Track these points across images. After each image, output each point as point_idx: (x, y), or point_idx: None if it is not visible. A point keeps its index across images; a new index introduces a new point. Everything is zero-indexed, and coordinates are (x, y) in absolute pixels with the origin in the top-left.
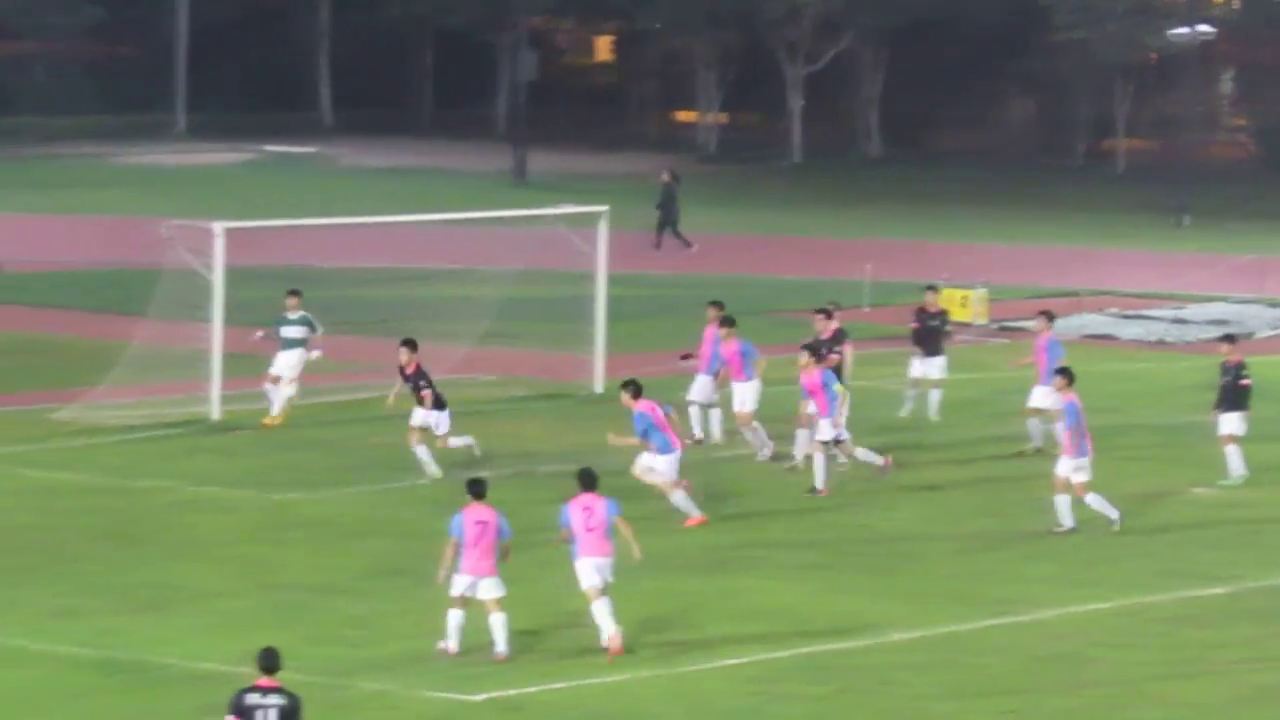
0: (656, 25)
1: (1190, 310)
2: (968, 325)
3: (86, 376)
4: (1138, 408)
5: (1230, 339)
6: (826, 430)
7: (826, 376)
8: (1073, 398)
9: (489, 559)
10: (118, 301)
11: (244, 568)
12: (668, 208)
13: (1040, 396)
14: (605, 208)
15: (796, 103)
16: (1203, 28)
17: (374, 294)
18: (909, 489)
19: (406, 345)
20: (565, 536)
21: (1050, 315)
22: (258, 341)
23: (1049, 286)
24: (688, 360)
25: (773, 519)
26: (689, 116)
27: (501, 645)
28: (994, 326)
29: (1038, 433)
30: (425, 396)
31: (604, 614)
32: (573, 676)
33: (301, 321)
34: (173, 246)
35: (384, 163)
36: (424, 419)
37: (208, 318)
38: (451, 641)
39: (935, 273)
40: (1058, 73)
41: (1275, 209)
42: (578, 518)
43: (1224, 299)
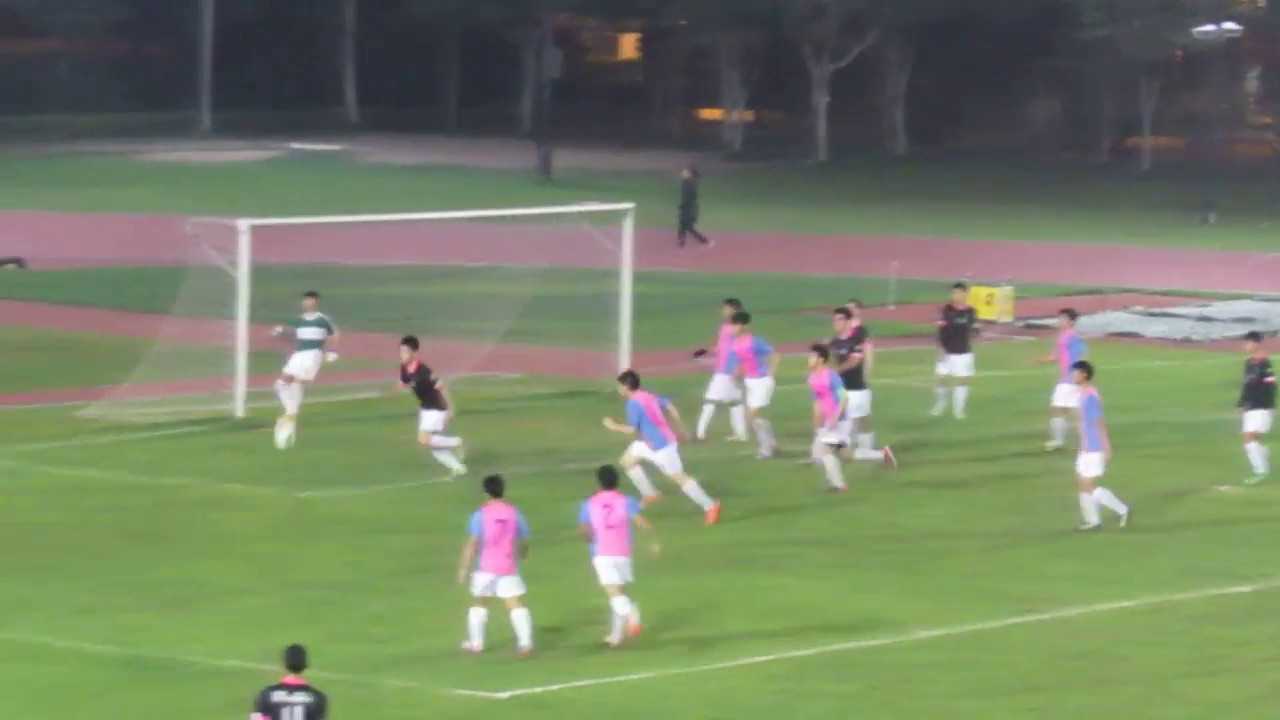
0: (681, 23)
1: (1215, 308)
2: (993, 323)
3: (112, 374)
4: (1163, 405)
5: (1255, 337)
6: (832, 433)
7: (834, 379)
8: (1092, 391)
9: (509, 557)
10: (143, 299)
11: (268, 565)
12: (688, 205)
13: (1064, 394)
14: (630, 205)
15: (822, 100)
16: (1229, 25)
17: (398, 291)
18: (934, 486)
19: (407, 344)
20: (584, 533)
21: (1073, 313)
22: (274, 338)
23: (1074, 284)
24: (701, 356)
25: (798, 516)
26: (714, 114)
27: (525, 640)
28: (1019, 324)
29: (1060, 431)
30: (441, 389)
31: (623, 606)
32: (597, 674)
33: (319, 323)
34: (198, 244)
35: (409, 160)
36: (434, 422)
37: (232, 315)
38: (475, 640)
39: (960, 270)
40: (1083, 70)
41: None
42: (598, 515)
43: (1249, 297)
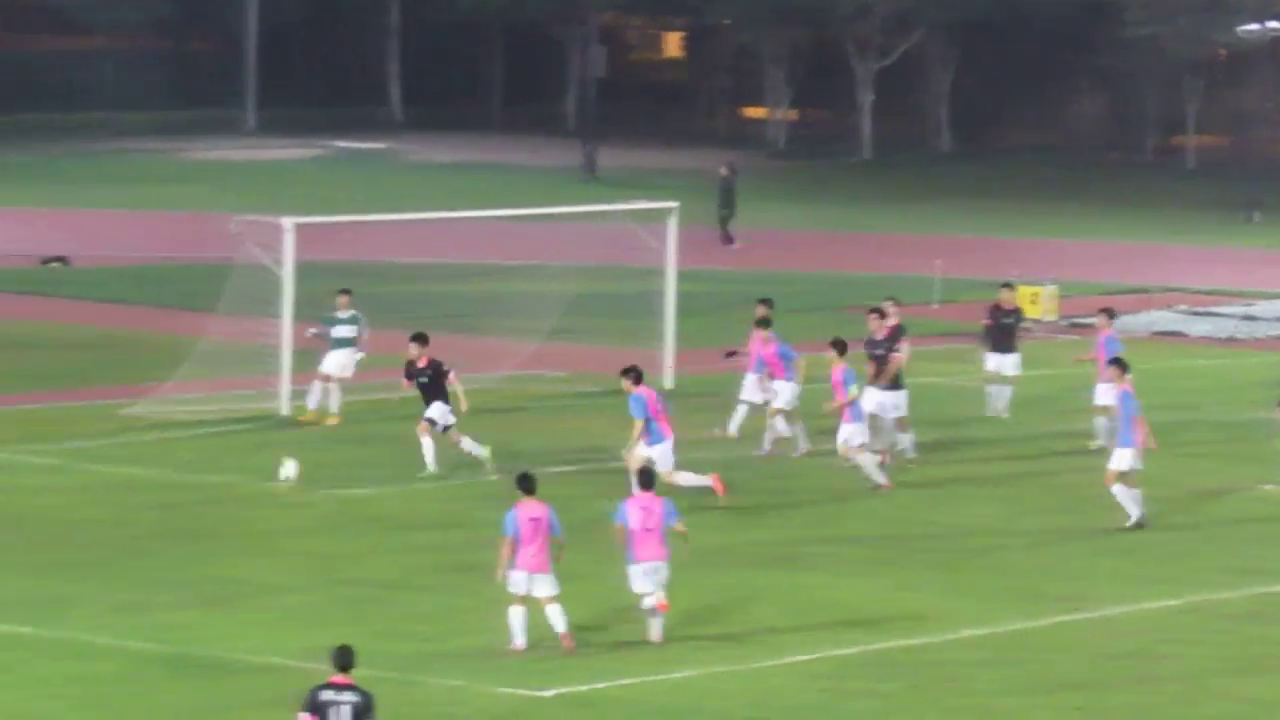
0: (726, 21)
1: (1260, 307)
2: (1038, 322)
3: (156, 372)
4: (1207, 404)
5: None
6: (855, 434)
7: (847, 374)
8: (1127, 387)
9: (543, 554)
10: (187, 297)
11: (312, 563)
12: (726, 202)
13: (1104, 393)
14: (675, 204)
15: (866, 98)
16: (1273, 24)
17: (443, 290)
18: (977, 485)
19: (417, 340)
20: (620, 533)
21: (1111, 312)
22: (309, 339)
23: (1118, 283)
24: (733, 357)
25: (841, 514)
26: (759, 112)
27: (562, 626)
28: (1064, 323)
29: (1104, 430)
30: (453, 379)
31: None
32: (641, 672)
33: (352, 320)
34: (242, 242)
35: (453, 159)
36: (442, 414)
37: (277, 313)
38: (519, 638)
39: (1005, 269)
40: (1128, 68)
41: None
42: (635, 517)
43: None
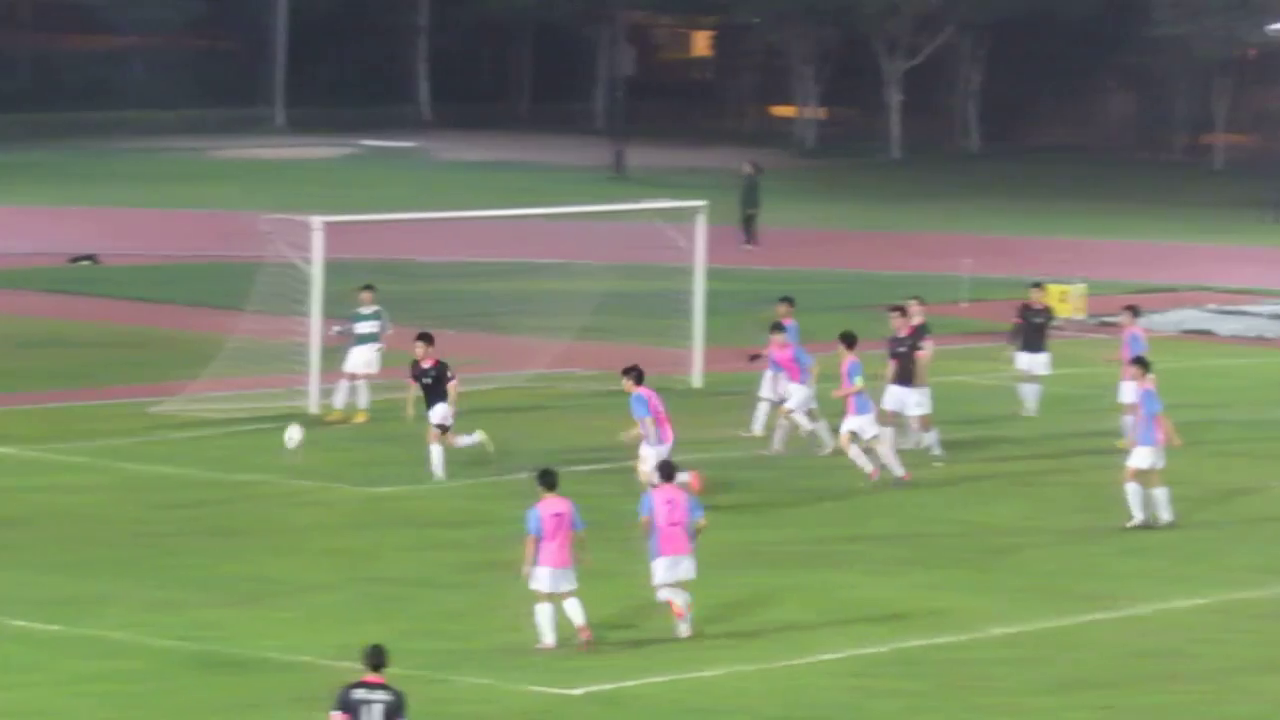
0: (754, 20)
1: None
2: (1066, 320)
3: (185, 370)
4: (1236, 403)
5: None
6: (864, 426)
7: (853, 366)
8: (1149, 386)
9: (566, 550)
10: (217, 295)
11: (341, 561)
12: (749, 200)
13: (1128, 391)
14: (704, 203)
15: (895, 97)
16: None
17: (471, 288)
18: (1005, 483)
19: (422, 339)
20: (644, 524)
21: (1135, 309)
22: (333, 337)
23: (1147, 281)
24: (756, 360)
25: (869, 513)
26: (787, 111)
27: (580, 619)
28: (1092, 322)
29: (1131, 429)
30: (453, 387)
31: (673, 594)
32: (670, 670)
33: (375, 316)
34: (272, 240)
35: (481, 157)
36: (443, 416)
37: (306, 311)
38: (548, 636)
39: (1033, 268)
40: (1156, 68)
41: None
42: (661, 511)
43: None
